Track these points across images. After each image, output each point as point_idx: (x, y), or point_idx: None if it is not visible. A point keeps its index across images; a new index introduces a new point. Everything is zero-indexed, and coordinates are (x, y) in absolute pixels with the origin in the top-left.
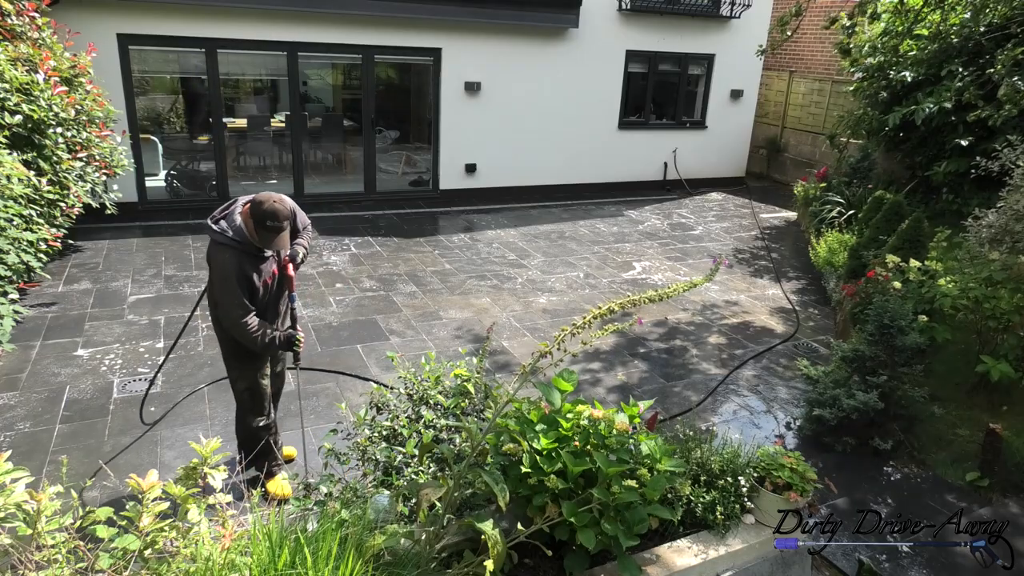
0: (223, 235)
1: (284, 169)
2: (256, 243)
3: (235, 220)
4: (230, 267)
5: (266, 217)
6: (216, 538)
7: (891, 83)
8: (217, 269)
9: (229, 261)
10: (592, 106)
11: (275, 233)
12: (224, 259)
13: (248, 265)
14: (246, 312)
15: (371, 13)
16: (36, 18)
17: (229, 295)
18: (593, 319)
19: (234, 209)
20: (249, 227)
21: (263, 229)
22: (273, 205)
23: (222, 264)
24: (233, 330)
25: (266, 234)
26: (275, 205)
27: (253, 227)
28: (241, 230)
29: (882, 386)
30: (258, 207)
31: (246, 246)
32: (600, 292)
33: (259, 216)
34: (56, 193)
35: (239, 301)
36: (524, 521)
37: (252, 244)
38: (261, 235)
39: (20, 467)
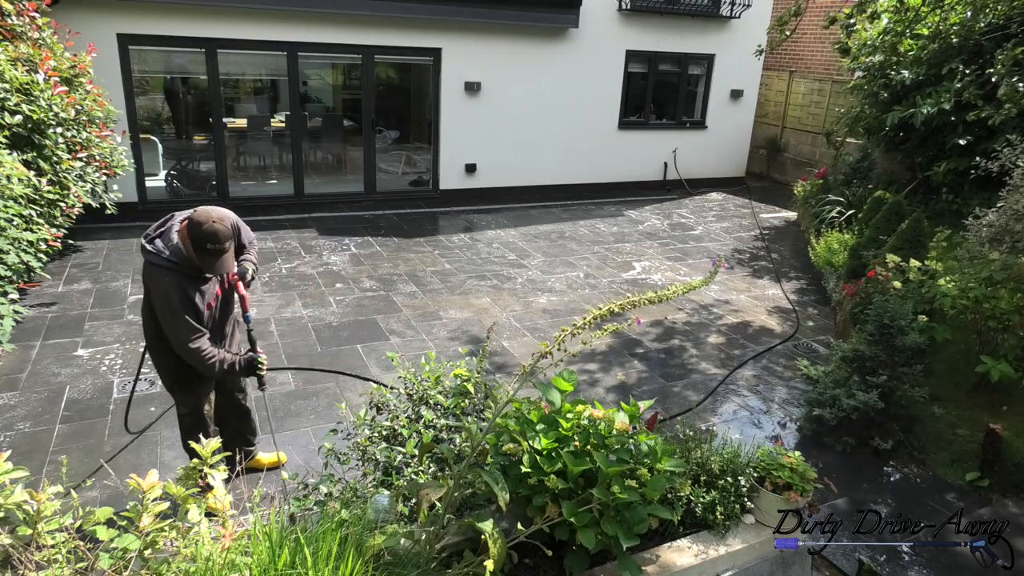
0: (159, 256)
1: (284, 169)
2: (196, 265)
3: (172, 239)
4: (174, 291)
5: (206, 239)
6: (216, 538)
7: (891, 82)
8: (158, 295)
9: (169, 284)
10: (592, 106)
11: (216, 256)
12: (164, 284)
13: (191, 287)
14: (198, 335)
15: (371, 13)
16: (36, 18)
17: (176, 320)
18: (593, 320)
19: (171, 227)
20: (188, 248)
21: (203, 252)
22: (213, 226)
23: (163, 289)
24: (187, 357)
25: (207, 257)
26: (215, 226)
27: (192, 249)
28: (179, 250)
29: (882, 386)
30: (197, 228)
31: (185, 267)
32: (600, 292)
33: (198, 238)
34: (56, 193)
35: (188, 325)
36: (524, 521)
37: (193, 264)
38: (202, 259)
39: (20, 467)
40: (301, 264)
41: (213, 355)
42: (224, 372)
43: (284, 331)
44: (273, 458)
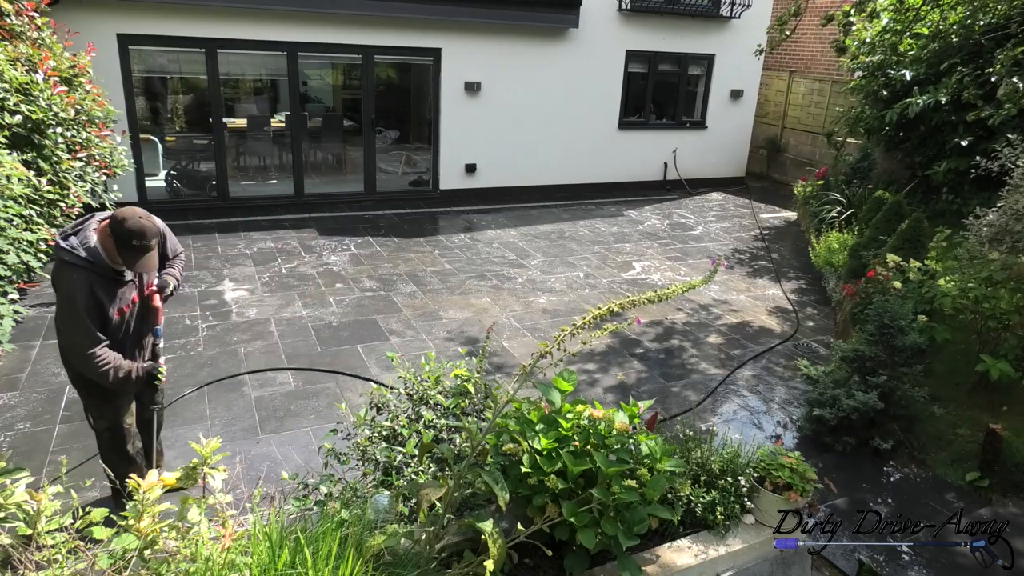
0: (72, 253)
1: (284, 169)
2: (115, 264)
3: (89, 238)
4: (77, 290)
5: (132, 235)
6: (216, 538)
7: (891, 81)
8: (62, 291)
9: (77, 283)
10: (592, 106)
11: (141, 253)
12: (71, 281)
13: (100, 290)
14: (94, 342)
15: (371, 13)
16: (35, 18)
17: (73, 322)
18: (592, 320)
19: (88, 225)
20: (108, 247)
21: (127, 249)
22: (140, 222)
23: (68, 286)
24: (79, 362)
25: (131, 254)
26: (142, 222)
27: (114, 247)
28: (95, 250)
29: (882, 386)
30: (120, 224)
31: (99, 268)
32: (600, 292)
33: (123, 234)
34: (56, 193)
35: (85, 329)
36: (524, 521)
37: (108, 266)
38: (125, 255)
39: (20, 467)
40: (301, 264)
41: (108, 362)
42: (120, 381)
43: (284, 331)
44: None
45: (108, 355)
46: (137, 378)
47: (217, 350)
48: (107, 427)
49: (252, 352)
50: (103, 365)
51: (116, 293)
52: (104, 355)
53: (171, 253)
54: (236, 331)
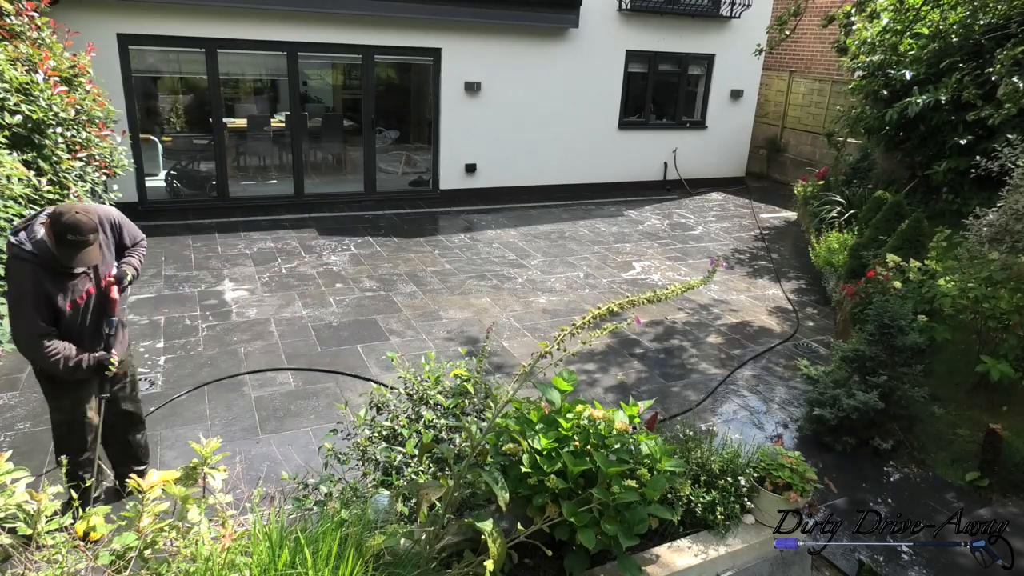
0: (19, 247)
1: (284, 169)
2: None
3: (36, 232)
4: (26, 283)
5: (66, 230)
6: (216, 538)
7: (891, 81)
8: (9, 282)
9: (26, 276)
10: (592, 106)
11: (77, 248)
12: (19, 272)
13: (49, 282)
14: (42, 333)
15: (371, 13)
16: (35, 18)
17: (22, 315)
18: (592, 319)
19: (36, 219)
20: (51, 241)
21: (62, 244)
22: (75, 216)
23: (17, 280)
24: (28, 353)
25: (66, 249)
26: (77, 216)
27: (53, 241)
28: (43, 243)
29: (882, 386)
30: (57, 219)
31: (47, 261)
32: (600, 292)
33: (58, 229)
34: (56, 193)
35: (33, 321)
36: (524, 521)
37: (55, 259)
38: (62, 251)
39: (20, 467)
40: (301, 264)
41: (57, 352)
42: (70, 369)
43: (284, 331)
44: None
45: (57, 345)
46: (88, 367)
47: (217, 350)
48: (63, 420)
49: (252, 352)
50: (52, 355)
51: (67, 285)
52: (52, 345)
53: (130, 242)
54: (236, 331)
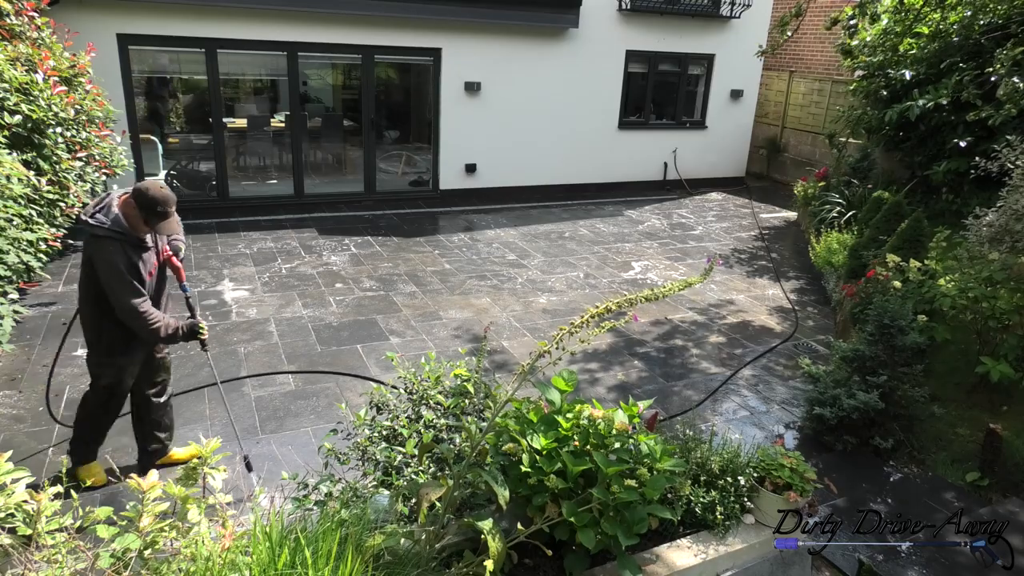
0: (104, 228)
1: (284, 169)
2: (138, 233)
3: (113, 212)
4: (118, 257)
5: (157, 203)
6: (216, 538)
7: (891, 81)
8: (104, 260)
9: (116, 251)
10: (592, 106)
11: (164, 218)
12: (110, 251)
13: (134, 255)
14: (142, 298)
15: (371, 13)
16: (35, 18)
17: (122, 284)
18: (591, 319)
19: (109, 202)
20: (132, 217)
21: (154, 215)
22: (162, 191)
23: (109, 254)
24: (131, 317)
25: (158, 219)
26: (163, 191)
27: (141, 215)
28: (120, 221)
29: (882, 386)
30: (145, 195)
31: (128, 237)
32: (600, 292)
33: (149, 203)
34: (56, 193)
35: (133, 288)
36: (524, 521)
37: (133, 235)
38: (153, 221)
39: (20, 467)
40: (301, 264)
41: (158, 319)
42: (168, 336)
43: (284, 331)
44: (189, 452)
45: (156, 313)
46: (183, 333)
47: (217, 350)
48: (109, 384)
49: (252, 352)
50: (154, 321)
51: (144, 258)
52: (153, 312)
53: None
54: (236, 331)
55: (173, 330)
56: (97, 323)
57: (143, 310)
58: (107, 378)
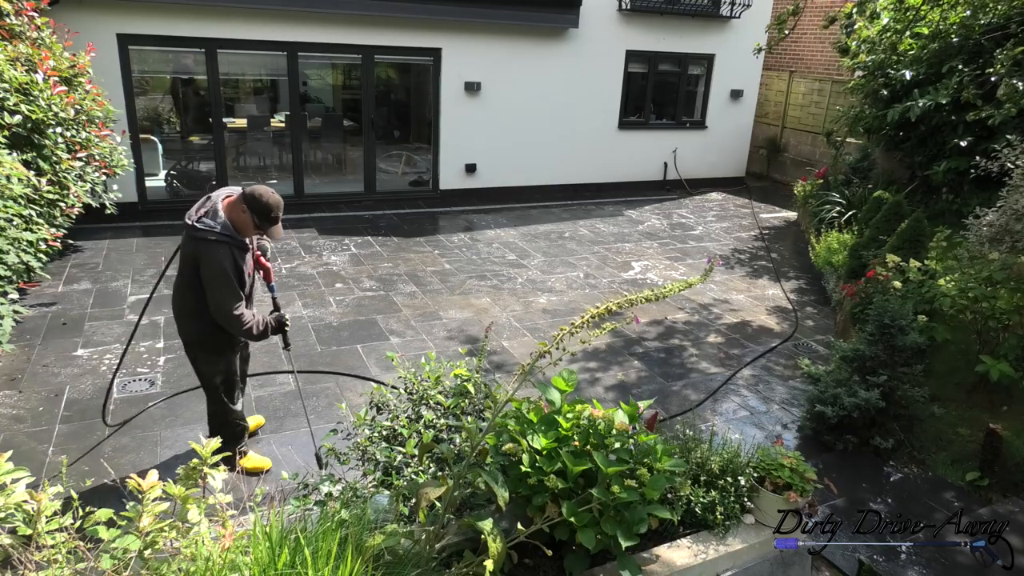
0: (212, 231)
1: (284, 169)
2: (245, 236)
3: (220, 216)
4: (227, 261)
5: (270, 208)
6: (216, 538)
7: (891, 81)
8: (212, 264)
9: (225, 255)
10: (592, 106)
11: (276, 222)
12: (220, 254)
13: (239, 258)
14: (240, 301)
15: (371, 13)
16: (35, 18)
17: (226, 288)
18: (591, 319)
19: (214, 205)
20: (243, 220)
21: (267, 220)
22: (275, 197)
23: (218, 259)
24: (228, 320)
25: (269, 224)
26: (276, 196)
27: (252, 219)
28: (228, 225)
29: (882, 386)
30: (258, 200)
31: (236, 240)
32: (600, 292)
33: (263, 208)
34: (56, 193)
35: (236, 292)
36: (524, 521)
37: (239, 238)
38: (265, 226)
39: (20, 467)
40: (301, 264)
41: (250, 319)
42: (259, 333)
43: None
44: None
45: (247, 313)
46: (272, 329)
47: None
48: (223, 379)
49: (252, 352)
50: (247, 322)
51: (245, 259)
52: (246, 313)
53: None
54: None
55: (263, 327)
56: (207, 323)
57: (238, 313)
58: (220, 375)
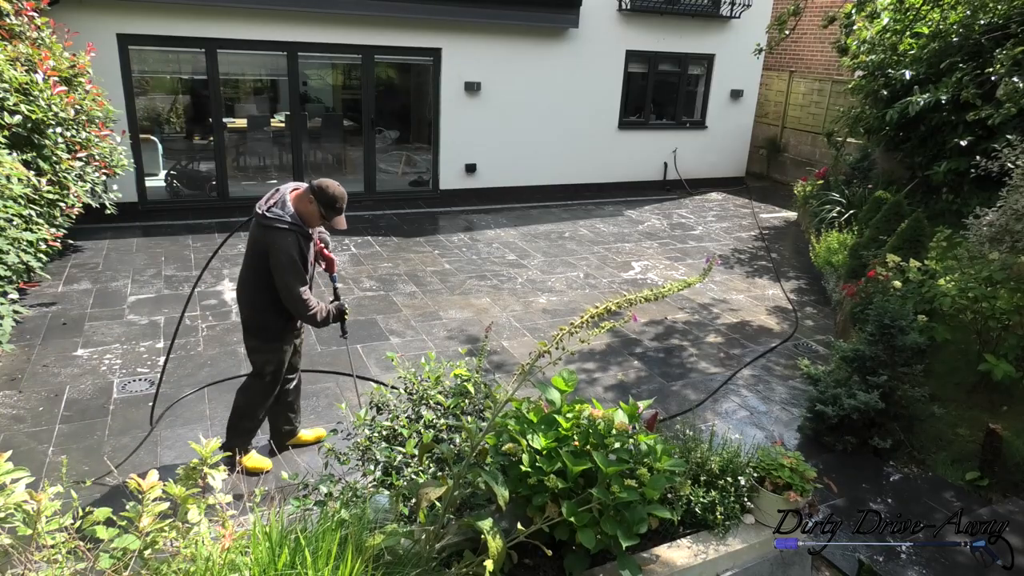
0: (281, 220)
1: (284, 169)
2: (311, 226)
3: (288, 207)
4: (294, 249)
5: (336, 200)
6: (216, 538)
7: (891, 81)
8: (281, 252)
9: (292, 244)
10: (592, 106)
11: (340, 212)
12: (288, 242)
13: (305, 246)
14: (306, 286)
15: (371, 13)
16: (35, 18)
17: (295, 274)
18: (591, 319)
19: (282, 197)
20: (310, 211)
21: (332, 210)
22: (340, 189)
23: (287, 246)
24: (295, 304)
25: (334, 215)
26: (341, 189)
27: (318, 210)
28: (296, 215)
29: (882, 386)
30: (325, 192)
31: (302, 229)
32: (600, 292)
33: (329, 200)
34: (56, 193)
35: (302, 277)
36: (524, 521)
37: (305, 228)
38: (331, 216)
39: (20, 467)
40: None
41: (315, 304)
42: (322, 320)
43: None
44: (316, 434)
45: (312, 299)
46: (333, 316)
47: (217, 350)
48: (273, 369)
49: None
50: (313, 308)
51: (310, 248)
52: (311, 298)
53: None
54: (236, 331)
55: (326, 314)
56: (267, 312)
57: (306, 298)
58: (272, 364)
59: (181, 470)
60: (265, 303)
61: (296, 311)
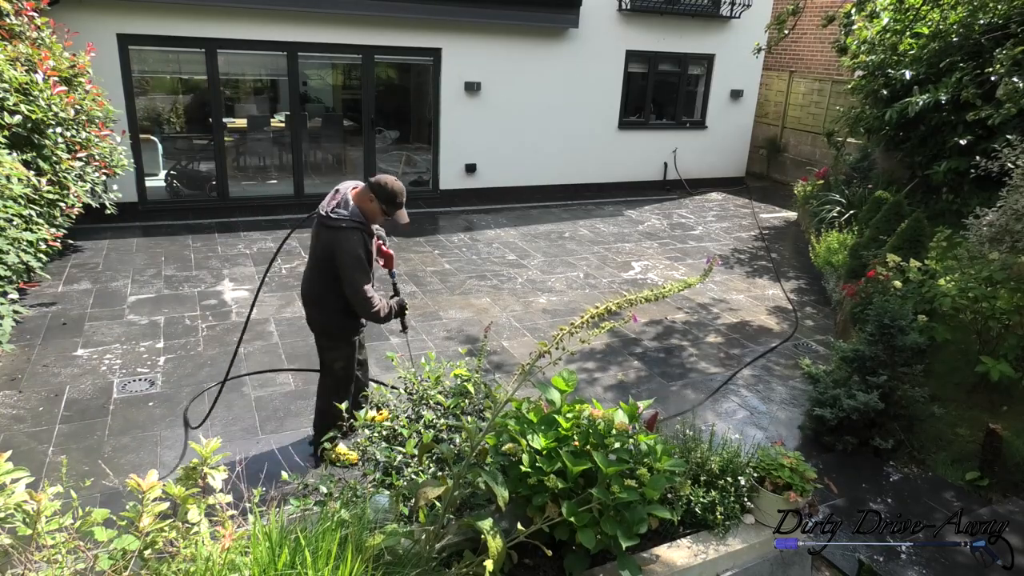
0: (348, 219)
1: (284, 169)
2: (373, 222)
3: (351, 205)
4: (360, 247)
5: (396, 195)
6: (216, 538)
7: (891, 81)
8: (348, 250)
9: (359, 242)
10: (592, 106)
11: (401, 207)
12: (355, 241)
13: (368, 243)
14: (371, 283)
15: (371, 13)
16: (35, 18)
17: (361, 271)
18: (591, 319)
19: (344, 196)
20: (372, 208)
21: (393, 206)
22: (397, 184)
23: (353, 244)
24: (361, 301)
25: (395, 210)
26: (400, 184)
27: (380, 207)
28: (358, 213)
29: (882, 386)
30: (384, 188)
31: (366, 226)
32: (600, 292)
33: (389, 196)
34: (56, 193)
35: (367, 274)
36: (524, 521)
37: (367, 225)
38: (392, 211)
39: (20, 467)
40: (301, 264)
41: (379, 301)
42: (386, 316)
43: (284, 331)
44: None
45: (375, 296)
46: (395, 312)
47: (217, 350)
48: (343, 364)
49: (252, 352)
50: (376, 304)
51: (372, 246)
52: (375, 296)
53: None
54: (236, 331)
55: (388, 310)
56: (336, 312)
57: (371, 295)
58: (342, 360)
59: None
60: (333, 303)
61: (361, 309)
